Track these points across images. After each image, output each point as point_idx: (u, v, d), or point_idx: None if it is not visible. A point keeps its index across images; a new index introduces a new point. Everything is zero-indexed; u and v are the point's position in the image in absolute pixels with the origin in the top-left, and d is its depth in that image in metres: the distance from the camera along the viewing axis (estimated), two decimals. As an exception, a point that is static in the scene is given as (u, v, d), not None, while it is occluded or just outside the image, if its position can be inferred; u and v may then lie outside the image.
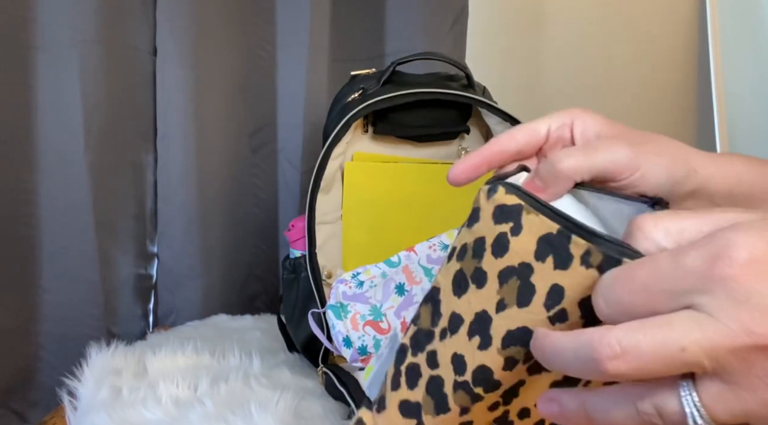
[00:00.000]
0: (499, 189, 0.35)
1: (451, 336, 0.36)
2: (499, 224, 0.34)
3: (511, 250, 0.33)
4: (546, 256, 0.32)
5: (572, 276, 0.31)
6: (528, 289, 0.33)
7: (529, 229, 0.33)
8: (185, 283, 1.16)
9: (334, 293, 0.78)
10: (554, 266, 0.32)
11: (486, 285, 0.34)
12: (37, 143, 1.03)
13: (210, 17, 1.12)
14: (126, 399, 0.72)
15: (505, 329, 0.33)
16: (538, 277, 0.32)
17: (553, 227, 0.32)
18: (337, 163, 0.83)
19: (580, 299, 0.32)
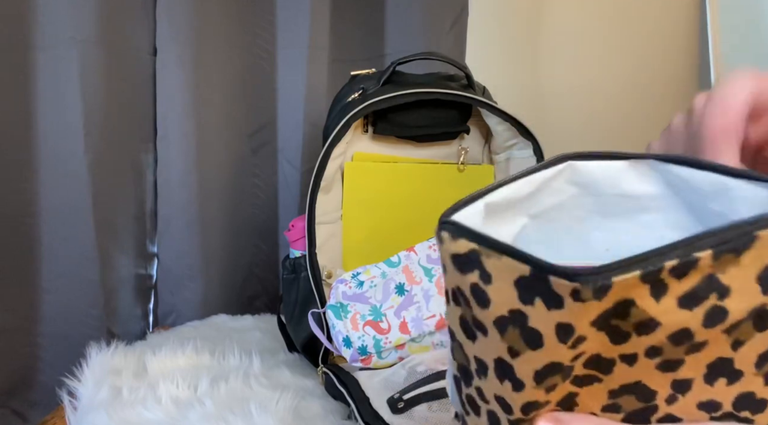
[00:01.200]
0: (444, 237, 0.30)
1: (484, 379, 0.32)
2: (465, 274, 0.30)
3: (493, 301, 0.29)
4: (533, 299, 0.28)
5: (571, 312, 0.28)
6: (532, 334, 0.29)
7: (499, 275, 0.29)
8: (185, 283, 1.16)
9: (334, 293, 0.78)
10: (547, 307, 0.28)
11: (489, 335, 0.30)
12: (37, 143, 1.03)
13: (210, 18, 1.12)
14: (126, 399, 0.73)
15: (531, 370, 0.29)
16: (536, 321, 0.29)
17: (523, 269, 0.28)
18: (337, 163, 0.83)
19: (590, 323, 0.28)
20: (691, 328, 0.29)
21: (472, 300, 0.30)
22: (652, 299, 0.28)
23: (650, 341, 0.29)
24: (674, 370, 0.31)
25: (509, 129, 0.84)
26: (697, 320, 0.29)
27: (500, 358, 0.30)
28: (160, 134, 1.13)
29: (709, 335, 0.30)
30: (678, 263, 0.28)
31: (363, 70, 0.90)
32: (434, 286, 0.77)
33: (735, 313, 0.29)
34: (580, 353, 0.29)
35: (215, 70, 1.14)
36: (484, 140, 0.92)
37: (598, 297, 0.27)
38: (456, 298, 0.32)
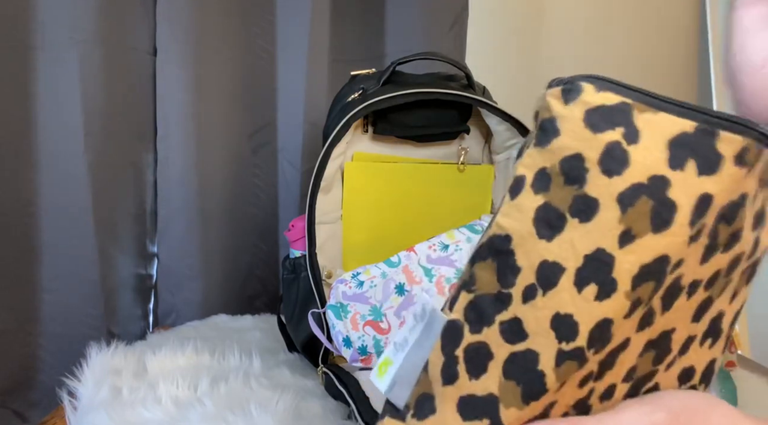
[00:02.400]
0: (584, 87, 0.26)
1: (545, 294, 0.27)
2: (602, 132, 0.26)
3: (631, 164, 0.26)
4: (685, 162, 0.25)
5: (722, 179, 0.26)
6: (666, 207, 0.26)
7: (651, 132, 0.26)
8: (185, 283, 1.16)
9: (334, 293, 0.78)
10: (699, 172, 0.26)
11: (598, 215, 0.26)
12: (37, 143, 1.03)
13: (210, 17, 1.12)
14: (126, 399, 0.72)
15: (637, 264, 0.26)
16: (677, 190, 0.26)
17: (687, 125, 0.26)
18: (337, 163, 0.83)
19: (720, 207, 0.26)
20: (743, 254, 0.30)
21: (596, 168, 0.26)
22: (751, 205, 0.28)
23: (722, 262, 0.28)
24: (700, 319, 0.30)
25: (509, 129, 0.84)
26: (749, 245, 0.30)
27: (598, 250, 0.26)
28: (160, 134, 1.13)
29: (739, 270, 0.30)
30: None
31: (363, 70, 0.90)
32: (434, 286, 0.77)
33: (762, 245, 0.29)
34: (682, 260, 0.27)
35: (215, 70, 1.14)
36: (484, 140, 0.92)
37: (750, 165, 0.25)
38: (543, 180, 0.27)
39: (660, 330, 0.30)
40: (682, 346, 0.31)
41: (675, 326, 0.30)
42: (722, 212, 0.27)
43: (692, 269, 0.28)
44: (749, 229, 0.28)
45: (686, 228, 0.26)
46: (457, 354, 0.29)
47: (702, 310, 0.30)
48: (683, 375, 0.32)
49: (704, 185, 0.26)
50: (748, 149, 0.26)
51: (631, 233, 0.26)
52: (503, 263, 0.28)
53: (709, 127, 0.25)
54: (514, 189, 0.28)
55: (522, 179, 0.28)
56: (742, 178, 0.26)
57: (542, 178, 0.27)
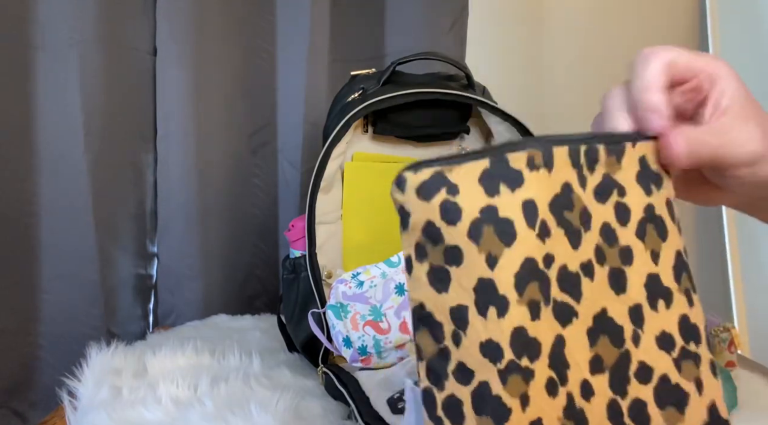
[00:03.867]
0: (406, 176, 0.33)
1: (465, 333, 0.32)
2: (432, 197, 0.32)
3: (463, 209, 0.32)
4: (497, 187, 0.32)
5: (530, 185, 0.33)
6: (505, 225, 0.32)
7: (464, 180, 0.32)
8: (185, 283, 1.16)
9: (334, 293, 0.78)
10: (511, 189, 0.32)
11: (464, 256, 0.32)
12: (37, 143, 1.03)
13: (210, 17, 1.12)
14: (126, 399, 0.73)
15: (510, 274, 0.32)
16: (505, 208, 0.32)
17: (482, 164, 0.32)
18: (337, 163, 0.83)
19: (548, 203, 0.33)
20: (610, 223, 0.35)
21: (443, 224, 0.32)
22: (581, 188, 0.35)
23: (593, 239, 0.35)
24: (624, 289, 0.35)
25: (509, 129, 0.84)
26: (611, 212, 0.36)
27: (479, 279, 0.32)
28: (160, 133, 1.13)
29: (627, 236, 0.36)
30: (588, 148, 0.35)
31: (363, 70, 0.90)
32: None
33: (635, 209, 0.36)
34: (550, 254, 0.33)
35: (215, 70, 1.14)
36: (484, 140, 0.92)
37: (548, 166, 0.33)
38: (420, 253, 0.33)
39: (590, 315, 0.34)
40: (632, 319, 0.35)
41: (603, 306, 0.35)
42: (556, 205, 0.33)
43: (570, 256, 0.34)
44: (594, 202, 0.35)
45: (529, 232, 0.32)
46: (439, 415, 0.33)
47: (618, 282, 0.35)
48: (662, 343, 0.36)
49: (520, 195, 0.32)
50: (533, 157, 0.33)
51: (492, 256, 0.32)
52: (430, 325, 0.33)
53: (497, 156, 0.32)
54: (408, 268, 0.34)
55: (408, 258, 0.34)
56: (546, 176, 0.33)
57: (419, 250, 0.33)
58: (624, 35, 1.42)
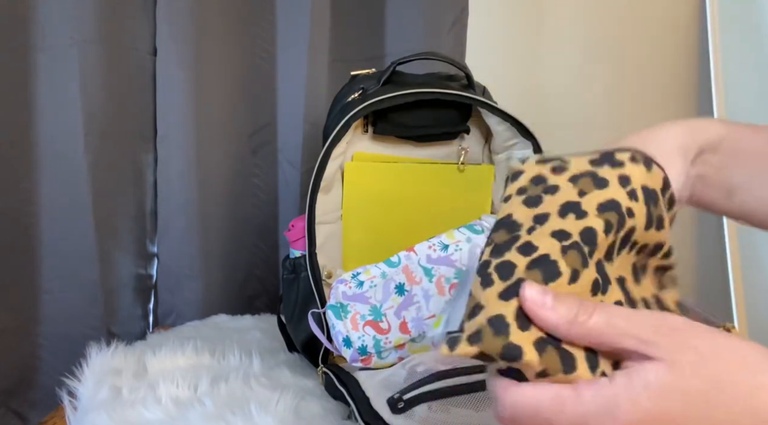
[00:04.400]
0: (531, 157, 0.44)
1: (541, 226, 0.39)
2: (546, 163, 0.42)
3: (571, 167, 0.41)
4: (602, 164, 0.41)
5: (629, 169, 0.41)
6: (600, 180, 0.40)
7: (575, 160, 0.42)
8: (185, 283, 1.16)
9: (334, 293, 0.78)
10: (612, 167, 0.41)
11: (559, 190, 0.40)
12: (37, 143, 1.03)
13: (210, 17, 1.12)
14: (126, 399, 0.73)
15: (595, 202, 0.39)
16: (604, 173, 0.40)
17: (593, 156, 0.42)
18: (337, 163, 0.83)
19: (641, 185, 0.41)
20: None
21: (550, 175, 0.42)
22: (665, 206, 0.42)
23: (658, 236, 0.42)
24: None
25: (509, 129, 0.84)
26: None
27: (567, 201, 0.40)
28: (160, 133, 1.13)
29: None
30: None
31: (363, 70, 0.90)
32: (434, 286, 0.77)
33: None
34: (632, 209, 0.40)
35: (215, 70, 1.14)
36: (484, 140, 0.92)
37: (646, 165, 0.42)
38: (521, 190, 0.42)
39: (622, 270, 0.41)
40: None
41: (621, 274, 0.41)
42: (646, 191, 0.41)
43: (640, 230, 0.40)
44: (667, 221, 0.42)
45: (619, 188, 0.40)
46: (489, 272, 0.38)
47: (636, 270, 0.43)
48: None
49: (617, 171, 0.41)
50: (635, 156, 0.42)
51: (584, 192, 0.40)
52: (511, 225, 0.40)
53: (606, 152, 0.43)
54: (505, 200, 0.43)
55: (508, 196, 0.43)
56: (642, 170, 0.41)
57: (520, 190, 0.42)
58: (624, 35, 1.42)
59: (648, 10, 1.43)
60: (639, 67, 1.43)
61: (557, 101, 1.40)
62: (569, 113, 1.41)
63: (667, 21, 1.44)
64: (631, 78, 1.43)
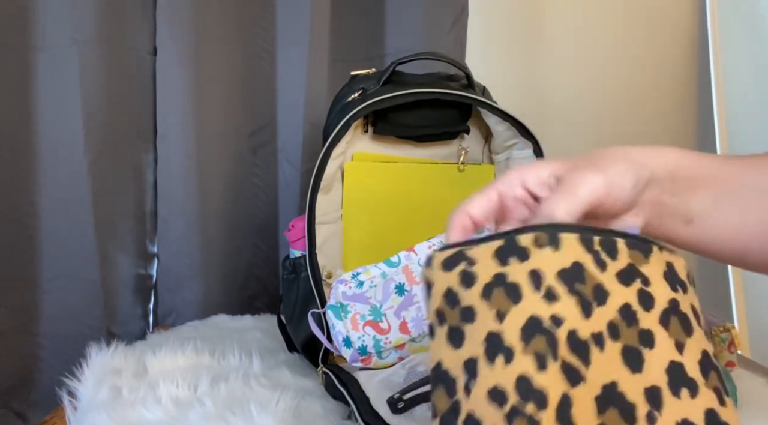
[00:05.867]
0: (434, 254, 0.39)
1: (475, 381, 0.35)
2: (453, 269, 0.38)
3: (479, 274, 0.37)
4: (508, 260, 0.37)
5: (536, 259, 0.36)
6: (512, 287, 0.36)
7: (481, 256, 0.38)
8: (185, 283, 1.16)
9: (334, 293, 0.78)
10: (520, 261, 0.37)
11: (477, 314, 0.36)
12: (37, 143, 1.03)
13: (210, 17, 1.12)
14: (126, 399, 0.73)
15: (517, 328, 0.35)
16: (513, 275, 0.36)
17: (496, 242, 0.38)
18: (337, 163, 0.83)
19: (555, 273, 0.36)
20: (631, 304, 0.37)
21: (460, 289, 0.37)
22: (598, 268, 0.37)
23: (607, 313, 0.36)
24: (640, 369, 0.36)
25: (509, 129, 0.84)
26: (633, 296, 0.37)
27: (489, 332, 0.35)
28: (160, 133, 1.13)
29: (650, 321, 0.37)
30: (603, 239, 0.38)
31: (363, 70, 0.90)
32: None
33: (659, 299, 0.37)
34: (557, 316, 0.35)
35: (215, 70, 1.14)
36: (484, 140, 0.92)
37: (553, 246, 0.37)
38: (440, 317, 0.38)
39: (599, 384, 0.35)
40: (648, 397, 0.35)
41: (613, 378, 0.35)
42: (565, 276, 0.36)
43: (580, 323, 0.35)
44: (615, 283, 0.37)
45: (534, 294, 0.35)
46: None
47: (633, 361, 0.36)
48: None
49: (527, 265, 0.36)
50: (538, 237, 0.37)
51: (501, 312, 0.35)
52: (446, 381, 0.36)
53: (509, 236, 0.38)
54: (430, 334, 0.38)
55: (431, 325, 0.38)
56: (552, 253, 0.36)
57: (439, 316, 0.38)
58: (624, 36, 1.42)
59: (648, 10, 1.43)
60: (639, 68, 1.43)
61: (557, 101, 1.40)
62: (569, 113, 1.41)
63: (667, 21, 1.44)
64: (631, 78, 1.43)
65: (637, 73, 1.43)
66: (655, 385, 0.35)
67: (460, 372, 0.36)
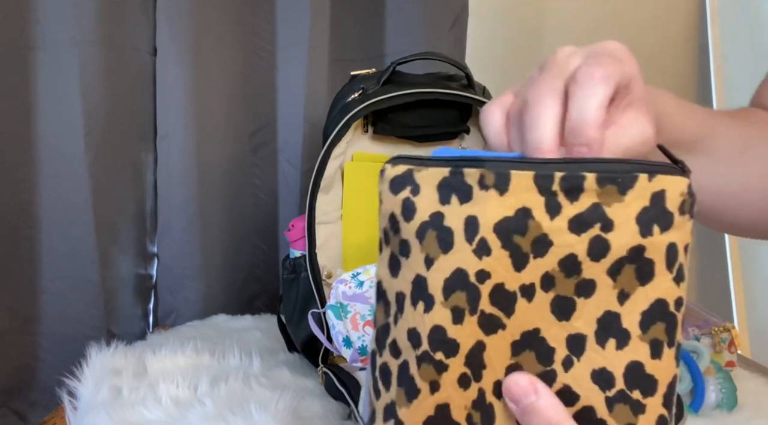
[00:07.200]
0: (386, 167, 0.37)
1: (402, 316, 0.36)
2: (398, 193, 0.36)
3: (419, 209, 0.35)
4: (449, 197, 0.35)
5: (477, 203, 0.34)
6: (445, 233, 0.35)
7: (426, 184, 0.35)
8: (185, 283, 1.16)
9: (334, 293, 0.78)
10: (460, 202, 0.35)
11: (411, 251, 0.36)
12: (37, 143, 1.03)
13: (210, 17, 1.12)
14: (126, 399, 0.73)
15: (441, 278, 0.35)
16: (450, 218, 0.35)
17: (444, 171, 0.35)
18: (337, 163, 0.83)
19: (493, 224, 0.34)
20: (577, 255, 0.34)
21: (401, 219, 0.36)
22: (547, 216, 0.34)
23: (545, 265, 0.34)
24: (567, 317, 0.35)
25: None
26: (582, 246, 0.34)
27: (417, 275, 0.35)
28: (160, 133, 1.13)
29: (595, 271, 0.34)
30: (566, 175, 0.34)
31: (363, 70, 0.90)
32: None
33: (615, 249, 0.34)
34: (484, 271, 0.34)
35: (215, 70, 1.14)
36: (484, 141, 0.92)
37: (500, 188, 0.34)
38: (385, 236, 0.37)
39: (519, 331, 0.35)
40: (569, 344, 0.35)
41: (536, 326, 0.35)
42: (503, 227, 0.34)
43: (510, 277, 0.35)
44: (564, 232, 0.34)
45: (465, 244, 0.34)
46: (376, 375, 0.37)
47: (562, 310, 0.35)
48: (597, 378, 0.35)
49: (465, 210, 0.34)
50: (483, 176, 0.34)
51: (429, 257, 0.35)
52: (384, 301, 0.37)
53: (457, 167, 0.35)
54: (379, 248, 0.38)
55: (380, 240, 0.38)
56: (496, 197, 0.34)
57: (385, 235, 0.37)
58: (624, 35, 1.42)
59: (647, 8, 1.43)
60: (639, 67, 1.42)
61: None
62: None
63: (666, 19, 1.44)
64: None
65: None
66: (580, 333, 0.35)
67: (393, 299, 0.37)
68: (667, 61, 1.44)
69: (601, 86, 0.36)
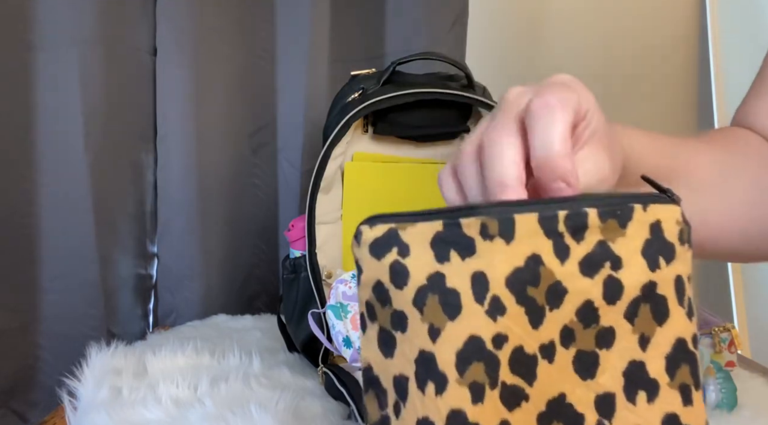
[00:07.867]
0: (362, 229, 0.32)
1: (405, 406, 0.31)
2: (383, 257, 0.31)
3: (412, 272, 0.30)
4: (447, 254, 0.30)
5: (482, 256, 0.30)
6: (450, 296, 0.30)
7: (415, 242, 0.31)
8: (185, 283, 1.16)
9: (334, 293, 0.78)
10: (462, 257, 0.30)
11: (408, 324, 0.31)
12: (37, 143, 1.03)
13: (210, 17, 1.12)
14: (126, 399, 0.73)
15: (452, 351, 0.30)
16: (453, 278, 0.30)
17: (435, 225, 0.31)
18: (337, 163, 0.83)
19: (504, 277, 0.30)
20: (593, 301, 0.31)
21: (391, 286, 0.31)
22: (557, 260, 0.31)
23: (562, 317, 0.31)
24: (592, 375, 0.31)
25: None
26: (597, 289, 0.31)
27: (421, 351, 0.30)
28: (160, 133, 1.13)
29: (612, 317, 0.31)
30: (570, 214, 0.31)
31: (363, 70, 0.90)
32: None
33: (629, 288, 0.31)
34: (501, 334, 0.30)
35: (215, 70, 1.14)
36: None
37: (505, 236, 0.30)
38: (370, 311, 0.32)
39: (544, 400, 0.31)
40: (598, 406, 0.32)
41: (561, 390, 0.31)
42: (515, 280, 0.30)
43: (528, 336, 0.30)
44: (577, 277, 0.31)
45: (475, 306, 0.30)
46: None
47: (586, 366, 0.32)
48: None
49: (471, 265, 0.30)
50: (486, 225, 0.30)
51: (434, 328, 0.30)
52: (376, 389, 0.32)
53: (451, 219, 0.30)
54: (362, 326, 0.33)
55: (362, 316, 0.32)
56: (504, 247, 0.30)
57: (369, 309, 0.32)
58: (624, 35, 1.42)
59: (648, 10, 1.43)
60: (639, 67, 1.43)
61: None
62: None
63: (667, 21, 1.44)
64: (631, 78, 1.43)
65: (637, 73, 1.43)
66: (608, 392, 0.32)
67: (390, 386, 0.31)
68: (667, 62, 1.44)
69: (559, 113, 0.33)
